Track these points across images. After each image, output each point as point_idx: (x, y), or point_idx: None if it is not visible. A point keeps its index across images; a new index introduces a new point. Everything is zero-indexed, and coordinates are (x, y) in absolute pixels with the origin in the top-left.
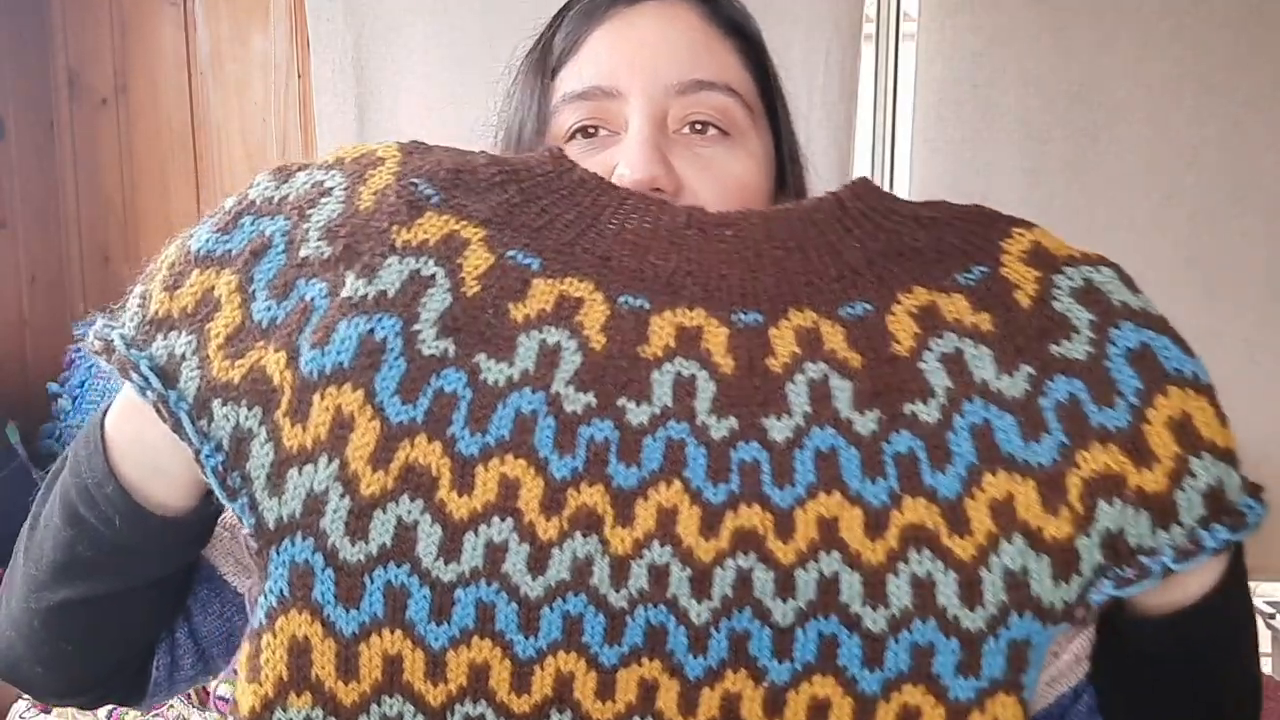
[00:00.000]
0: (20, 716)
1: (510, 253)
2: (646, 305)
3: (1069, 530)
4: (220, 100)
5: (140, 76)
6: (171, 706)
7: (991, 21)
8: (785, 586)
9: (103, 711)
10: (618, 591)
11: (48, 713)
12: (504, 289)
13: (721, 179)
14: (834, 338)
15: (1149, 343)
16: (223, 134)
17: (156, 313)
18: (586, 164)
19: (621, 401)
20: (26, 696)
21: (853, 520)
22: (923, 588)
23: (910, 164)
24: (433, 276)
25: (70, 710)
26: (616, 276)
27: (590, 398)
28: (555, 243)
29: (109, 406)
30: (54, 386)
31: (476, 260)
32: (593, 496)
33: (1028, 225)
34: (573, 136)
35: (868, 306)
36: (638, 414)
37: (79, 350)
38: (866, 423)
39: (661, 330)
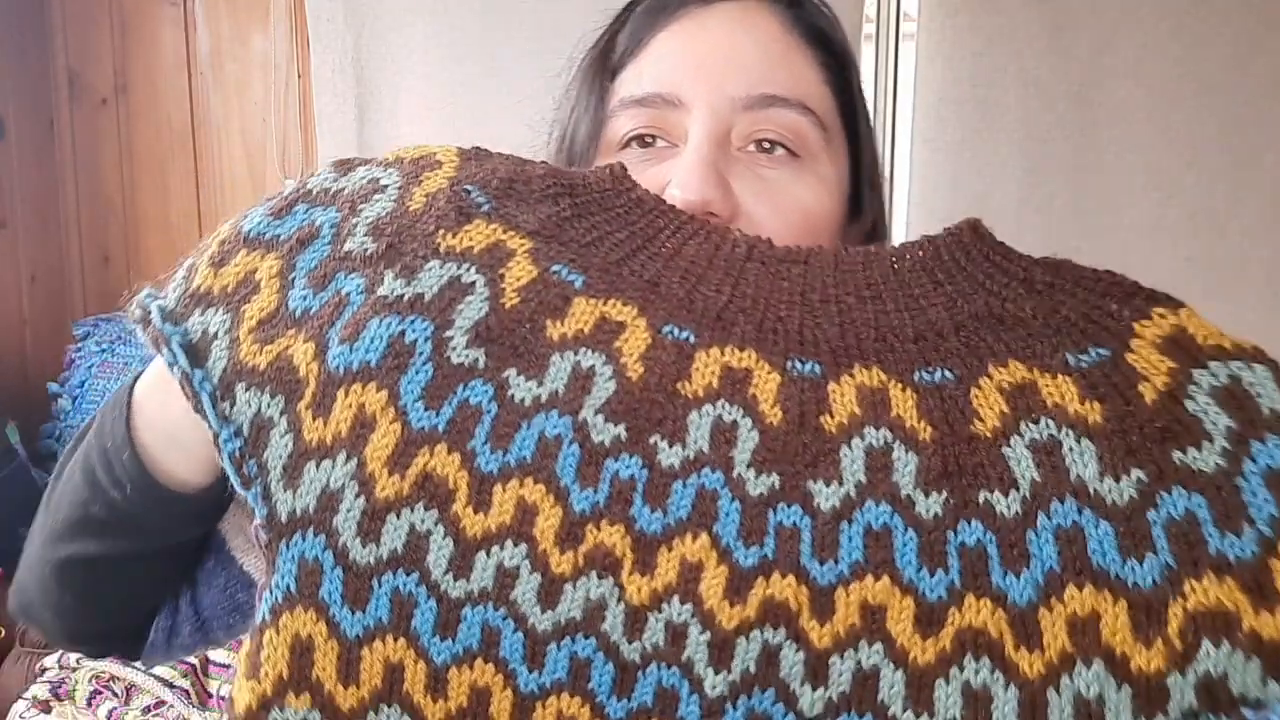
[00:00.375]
0: (20, 716)
1: (555, 267)
2: (692, 338)
3: (1160, 665)
4: (220, 100)
5: (140, 76)
6: (171, 706)
7: (991, 21)
8: (817, 672)
9: (102, 710)
10: (630, 643)
11: (48, 712)
12: (543, 304)
13: (783, 205)
14: (904, 404)
15: None
16: (223, 134)
17: (199, 287)
18: (638, 176)
19: (653, 439)
20: (26, 696)
21: (903, 611)
22: (976, 699)
23: (910, 164)
24: (472, 284)
25: (69, 709)
26: (662, 303)
27: (620, 430)
28: (602, 261)
29: (142, 372)
30: (54, 386)
31: (519, 272)
32: (612, 536)
33: (1173, 305)
34: (628, 144)
35: (948, 375)
36: (669, 455)
37: (79, 350)
38: (930, 505)
39: (706, 368)
